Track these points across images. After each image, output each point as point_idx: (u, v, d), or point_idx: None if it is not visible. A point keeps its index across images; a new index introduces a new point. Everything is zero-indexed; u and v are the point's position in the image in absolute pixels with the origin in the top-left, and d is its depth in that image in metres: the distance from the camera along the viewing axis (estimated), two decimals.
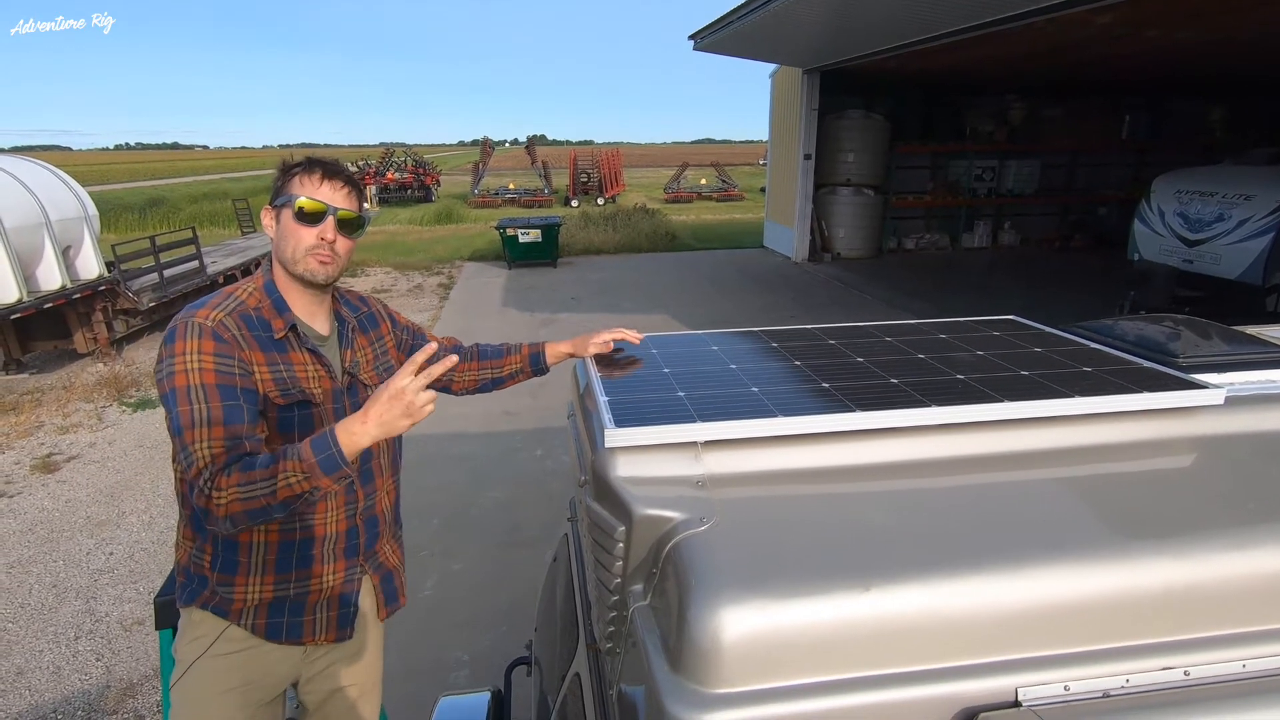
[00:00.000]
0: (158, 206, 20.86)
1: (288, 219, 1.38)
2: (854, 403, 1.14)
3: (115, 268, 7.39)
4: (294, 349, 1.40)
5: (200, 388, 1.26)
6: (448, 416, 5.44)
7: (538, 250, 11.91)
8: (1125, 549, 0.87)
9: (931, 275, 11.14)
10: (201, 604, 1.42)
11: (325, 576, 1.46)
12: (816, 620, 0.79)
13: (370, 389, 1.52)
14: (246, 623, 1.42)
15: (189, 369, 1.27)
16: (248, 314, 1.36)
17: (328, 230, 1.38)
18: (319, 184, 1.39)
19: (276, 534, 1.40)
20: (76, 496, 4.52)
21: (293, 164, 1.42)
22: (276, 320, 1.39)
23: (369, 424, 1.19)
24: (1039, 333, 1.58)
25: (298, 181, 1.39)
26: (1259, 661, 0.83)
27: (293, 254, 1.38)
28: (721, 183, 25.20)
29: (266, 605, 1.42)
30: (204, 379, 1.27)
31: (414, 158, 26.16)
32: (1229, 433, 1.17)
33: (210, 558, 1.41)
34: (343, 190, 1.41)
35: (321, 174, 1.39)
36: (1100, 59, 9.04)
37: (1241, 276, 6.66)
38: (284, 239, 1.39)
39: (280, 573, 1.42)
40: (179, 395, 1.25)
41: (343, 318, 1.54)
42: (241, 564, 1.40)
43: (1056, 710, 0.76)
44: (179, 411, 1.25)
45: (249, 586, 1.41)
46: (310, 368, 1.41)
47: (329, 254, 1.39)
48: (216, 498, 1.20)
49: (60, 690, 2.89)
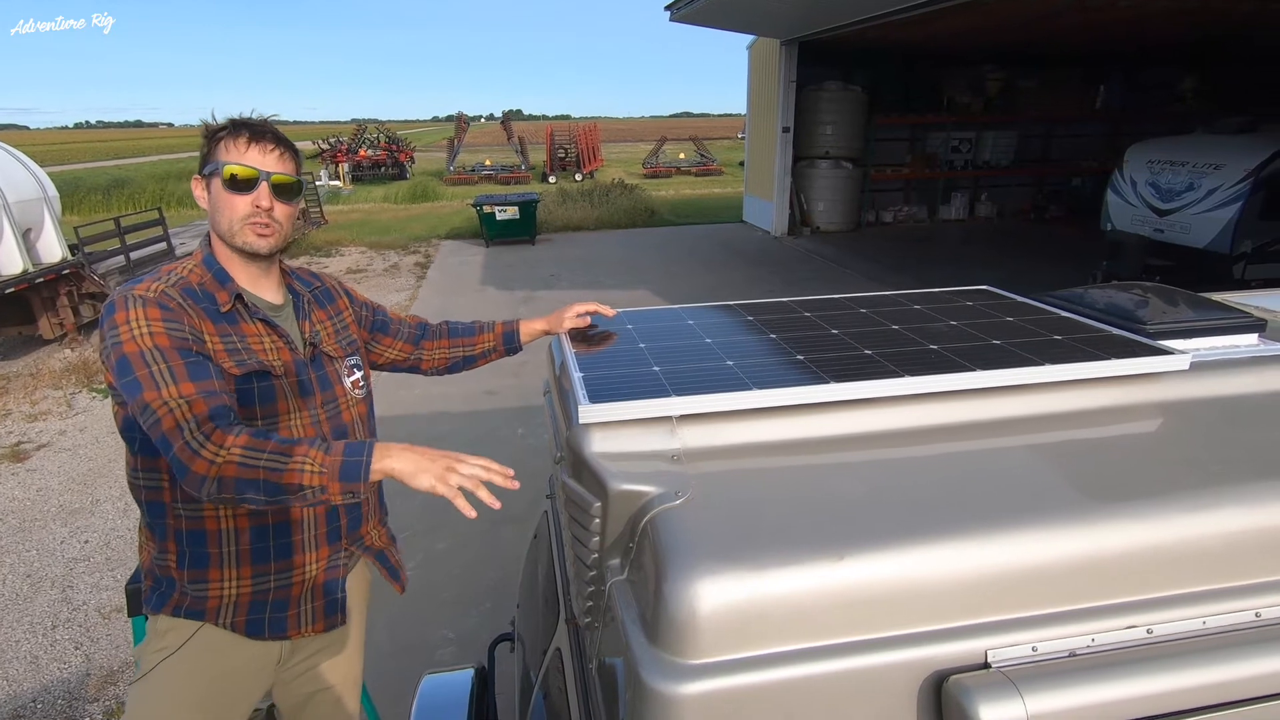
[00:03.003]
0: (122, 187, 20.24)
1: (218, 188, 1.29)
2: (828, 374, 1.15)
3: (79, 250, 7.18)
4: (244, 320, 1.32)
5: (155, 350, 1.16)
6: (429, 395, 5.40)
7: (516, 227, 11.77)
8: (1091, 512, 0.89)
9: (910, 248, 11.20)
10: (172, 609, 1.33)
11: (308, 566, 1.39)
12: (791, 590, 0.80)
13: (336, 361, 1.46)
14: (225, 620, 1.33)
15: (137, 335, 1.17)
16: (190, 288, 1.28)
17: (262, 197, 1.29)
18: (246, 148, 1.28)
19: (246, 518, 1.32)
20: (48, 485, 4.44)
21: (217, 128, 1.31)
22: (220, 293, 1.30)
23: (407, 454, 1.12)
24: (1011, 302, 1.59)
25: (224, 147, 1.29)
26: (1218, 618, 0.86)
27: (229, 226, 1.30)
28: (700, 157, 25.02)
29: (246, 603, 1.34)
30: (157, 341, 1.17)
31: (387, 134, 25.58)
32: (1193, 397, 1.19)
33: (175, 556, 1.32)
34: (274, 152, 1.30)
35: (249, 136, 1.29)
36: (1075, 28, 9.05)
37: (1210, 245, 6.77)
38: (217, 210, 1.30)
39: (258, 564, 1.33)
40: (132, 361, 1.15)
41: (296, 291, 1.46)
42: (212, 555, 1.31)
43: (1024, 670, 0.78)
44: (137, 376, 1.14)
45: (224, 581, 1.32)
46: (265, 339, 1.34)
47: (267, 221, 1.30)
48: (211, 453, 1.09)
49: (39, 680, 2.87)
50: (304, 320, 1.44)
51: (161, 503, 1.31)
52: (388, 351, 1.65)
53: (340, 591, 1.46)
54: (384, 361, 1.67)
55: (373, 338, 1.62)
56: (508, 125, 26.20)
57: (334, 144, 23.98)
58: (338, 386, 1.45)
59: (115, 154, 42.26)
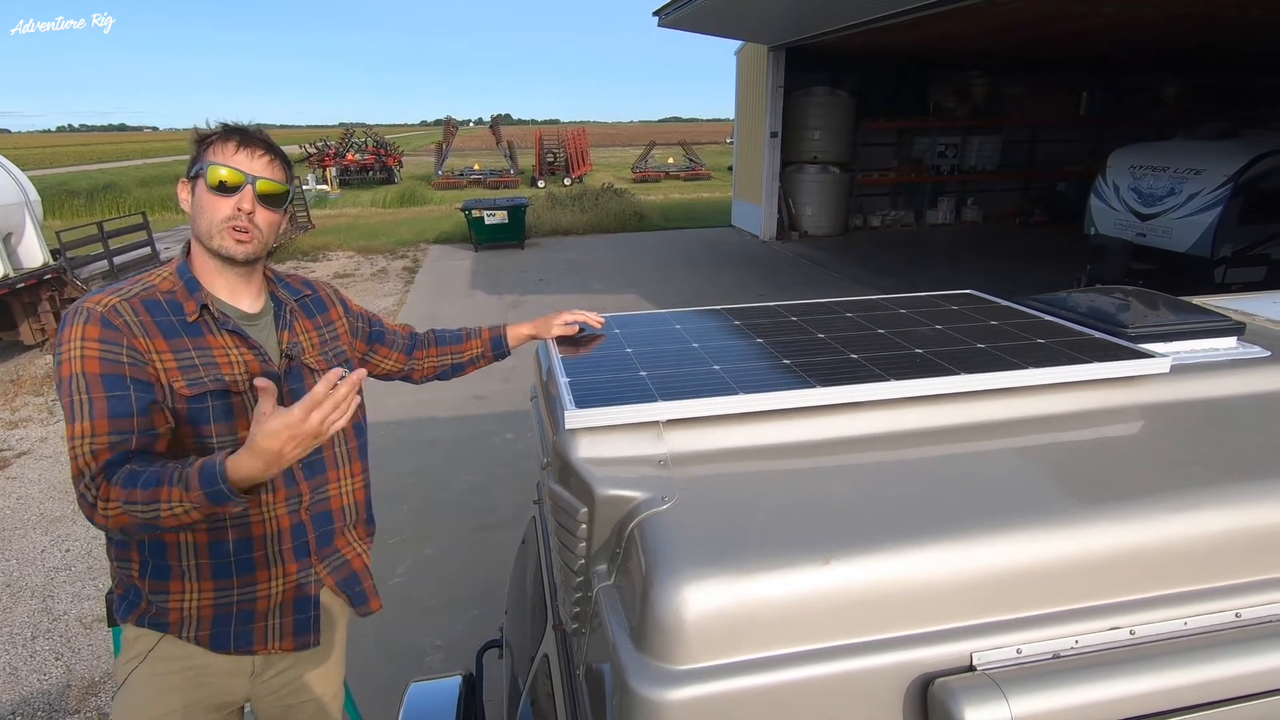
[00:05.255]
0: (106, 191, 20.02)
1: (202, 191, 1.28)
2: (814, 378, 1.15)
3: (61, 255, 7.10)
4: (210, 331, 1.29)
5: (82, 376, 1.17)
6: (418, 401, 5.37)
7: (504, 232, 11.75)
8: (1075, 515, 0.89)
9: (897, 252, 11.27)
10: (138, 618, 1.32)
11: (273, 582, 1.34)
12: (777, 594, 0.80)
13: (318, 374, 1.40)
14: (189, 634, 1.31)
15: (72, 357, 1.18)
16: (155, 299, 1.26)
17: (244, 200, 1.27)
18: (234, 152, 1.28)
19: (205, 533, 1.28)
20: (29, 493, 4.37)
21: (207, 133, 1.31)
22: (188, 302, 1.28)
23: (252, 460, 1.04)
24: (995, 306, 1.61)
25: (212, 151, 1.28)
26: (1200, 619, 0.86)
27: (208, 228, 1.28)
28: (689, 161, 25.09)
29: (209, 616, 1.31)
30: (86, 367, 1.17)
31: (375, 138, 25.51)
32: (1174, 399, 1.20)
33: (138, 565, 1.30)
34: (262, 158, 1.29)
35: (238, 142, 1.28)
36: (1059, 35, 9.16)
37: (1191, 249, 6.86)
38: (199, 213, 1.29)
39: (219, 578, 1.30)
40: (63, 386, 1.18)
41: (279, 299, 1.42)
42: (173, 568, 1.28)
43: (1009, 672, 0.78)
44: (63, 404, 1.17)
45: (185, 595, 1.30)
46: (233, 351, 1.30)
47: (246, 226, 1.28)
48: (102, 508, 1.11)
49: (18, 691, 2.82)
50: (283, 330, 1.39)
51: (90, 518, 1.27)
52: (384, 363, 1.64)
53: (313, 609, 1.40)
54: (380, 373, 1.66)
55: (370, 349, 1.62)
56: (496, 130, 26.17)
57: (321, 148, 23.85)
58: None
59: (99, 158, 41.82)
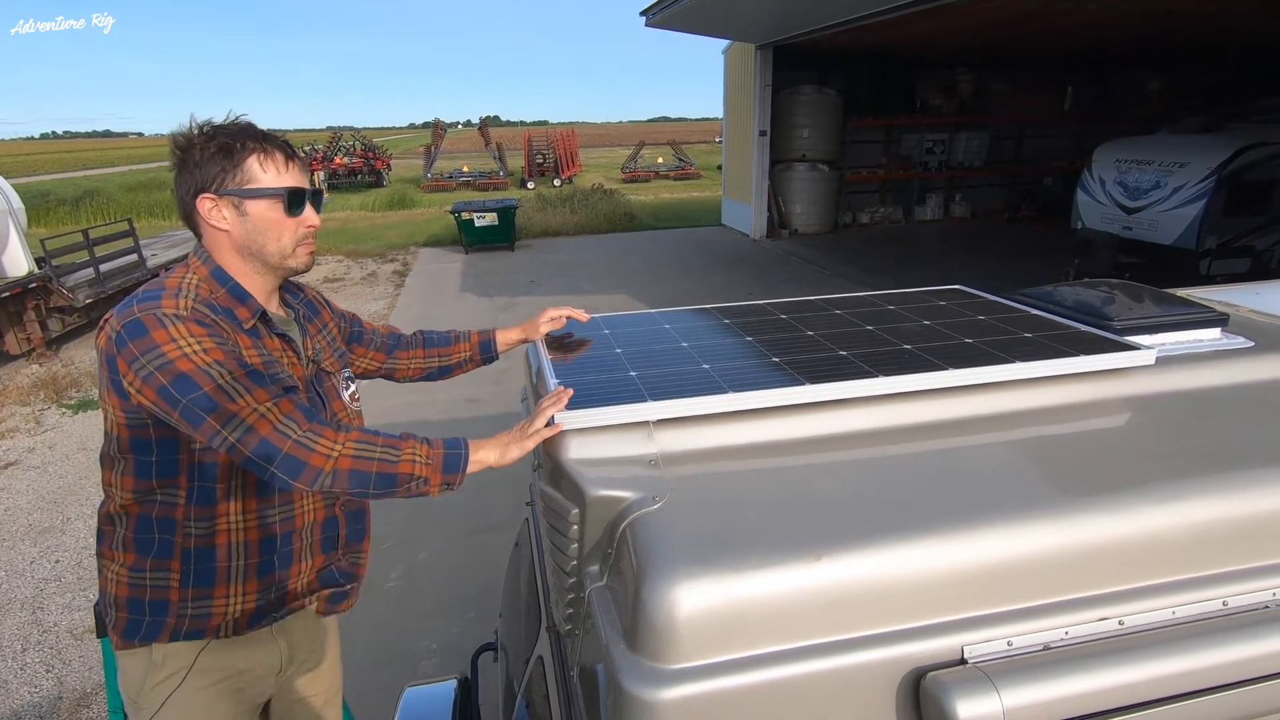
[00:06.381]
0: (92, 198, 19.82)
1: (265, 210, 1.23)
2: (804, 376, 1.15)
3: (46, 263, 7.02)
4: (266, 336, 1.28)
5: (216, 364, 1.10)
6: (410, 404, 5.35)
7: (494, 234, 11.71)
8: (1063, 508, 0.90)
9: (887, 248, 11.32)
10: (170, 635, 1.27)
11: (302, 576, 1.38)
12: (769, 592, 0.80)
13: (334, 377, 1.43)
14: (225, 632, 1.31)
15: (190, 352, 1.10)
16: (209, 302, 1.21)
17: (312, 216, 1.28)
18: (286, 165, 1.25)
19: (257, 529, 1.29)
20: (16, 504, 4.33)
21: (234, 140, 1.21)
22: (239, 308, 1.24)
23: (491, 446, 1.20)
24: (983, 301, 1.61)
25: (257, 165, 1.22)
26: (1187, 608, 0.87)
27: (280, 249, 1.26)
28: (678, 161, 25.09)
29: (248, 615, 1.32)
30: (214, 356, 1.10)
31: (363, 141, 25.35)
32: (1159, 391, 1.21)
33: (179, 576, 1.25)
34: (298, 164, 1.28)
35: (284, 152, 1.25)
36: (1044, 31, 9.22)
37: (1177, 242, 6.92)
38: (262, 234, 1.24)
39: (263, 576, 1.31)
40: (194, 377, 1.08)
41: (291, 305, 1.43)
42: (220, 571, 1.27)
43: (1000, 665, 0.79)
44: (206, 391, 1.08)
45: (230, 597, 1.28)
46: (284, 355, 1.30)
47: (313, 243, 1.31)
48: (326, 448, 1.10)
49: (8, 704, 2.79)
50: (305, 337, 1.41)
51: (172, 519, 1.24)
52: (360, 361, 1.63)
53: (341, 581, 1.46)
54: (356, 371, 1.64)
55: (348, 348, 1.61)
56: (485, 131, 26.09)
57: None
58: (336, 402, 1.43)
59: (83, 164, 41.42)
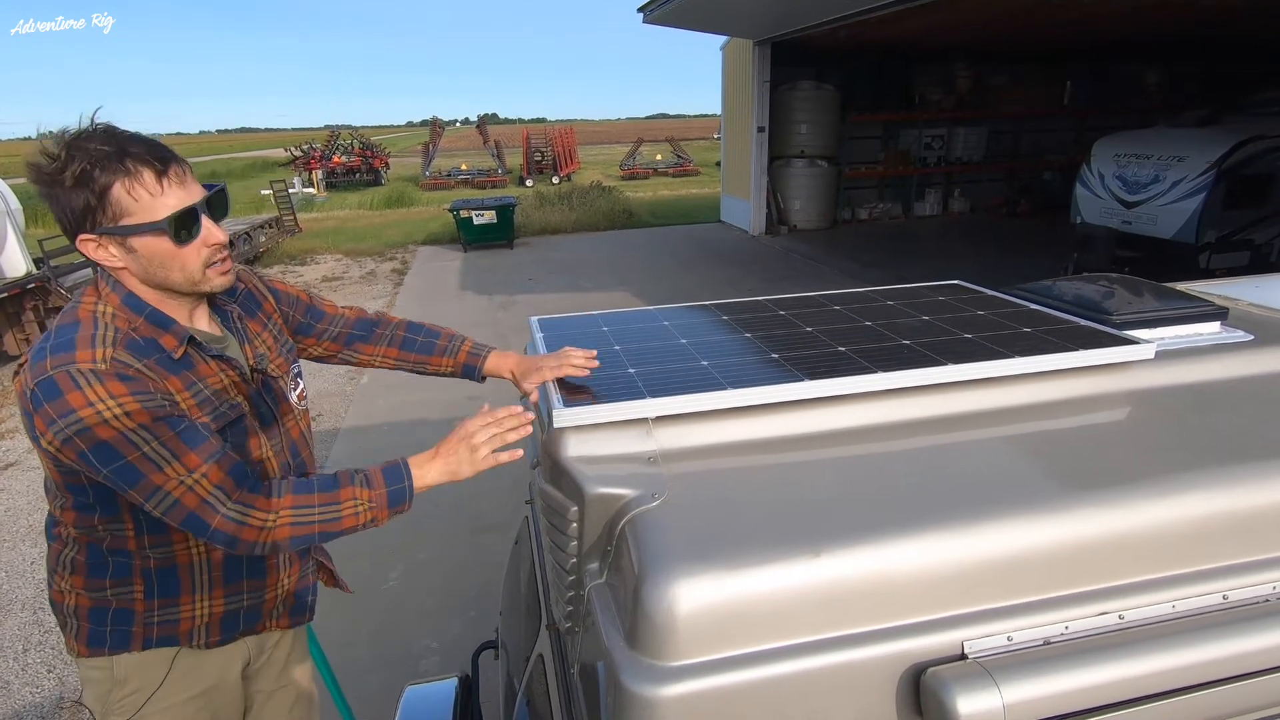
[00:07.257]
0: None
1: (156, 244, 1.06)
2: (802, 372, 1.15)
3: (44, 264, 7.01)
4: (201, 362, 1.16)
5: (138, 429, 1.00)
6: (408, 403, 5.35)
7: (493, 232, 11.70)
8: (1063, 502, 0.90)
9: (886, 244, 11.31)
10: (141, 643, 1.23)
11: (280, 584, 1.36)
12: (769, 588, 0.80)
13: (283, 380, 1.33)
14: (199, 642, 1.27)
15: (108, 417, 0.98)
16: (133, 340, 1.07)
17: (212, 234, 1.10)
18: (160, 185, 1.04)
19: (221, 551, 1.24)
20: (16, 505, 4.32)
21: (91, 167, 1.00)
22: (165, 336, 1.11)
23: (436, 461, 1.16)
24: (982, 296, 1.61)
25: (125, 194, 1.02)
26: (1187, 602, 0.87)
27: (187, 278, 1.11)
28: (677, 158, 25.06)
29: (218, 621, 1.29)
30: (138, 420, 1.00)
31: (361, 140, 25.32)
32: (1159, 385, 1.21)
33: (142, 590, 1.22)
34: (184, 173, 1.08)
35: (152, 171, 1.03)
36: (1042, 25, 9.21)
37: (1176, 236, 6.91)
38: (163, 267, 1.08)
39: (230, 584, 1.28)
40: (115, 445, 0.99)
41: (222, 309, 1.28)
42: (184, 583, 1.24)
43: (1000, 660, 0.79)
44: (129, 461, 0.99)
45: (196, 604, 1.25)
46: (223, 376, 1.19)
47: (226, 256, 1.15)
48: (259, 520, 1.04)
49: (10, 705, 2.79)
50: (245, 344, 1.28)
51: (126, 550, 1.20)
52: (312, 349, 1.51)
53: (311, 595, 1.47)
54: (306, 357, 1.52)
55: (295, 339, 1.48)
56: (483, 129, 26.07)
57: (307, 151, 23.68)
58: (284, 404, 1.34)
59: None
